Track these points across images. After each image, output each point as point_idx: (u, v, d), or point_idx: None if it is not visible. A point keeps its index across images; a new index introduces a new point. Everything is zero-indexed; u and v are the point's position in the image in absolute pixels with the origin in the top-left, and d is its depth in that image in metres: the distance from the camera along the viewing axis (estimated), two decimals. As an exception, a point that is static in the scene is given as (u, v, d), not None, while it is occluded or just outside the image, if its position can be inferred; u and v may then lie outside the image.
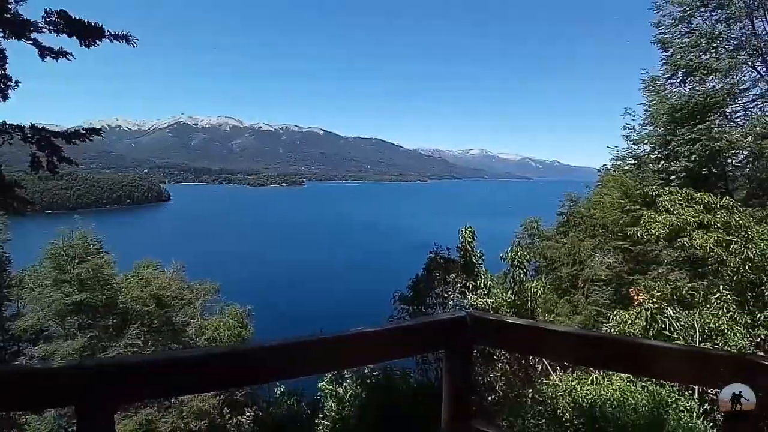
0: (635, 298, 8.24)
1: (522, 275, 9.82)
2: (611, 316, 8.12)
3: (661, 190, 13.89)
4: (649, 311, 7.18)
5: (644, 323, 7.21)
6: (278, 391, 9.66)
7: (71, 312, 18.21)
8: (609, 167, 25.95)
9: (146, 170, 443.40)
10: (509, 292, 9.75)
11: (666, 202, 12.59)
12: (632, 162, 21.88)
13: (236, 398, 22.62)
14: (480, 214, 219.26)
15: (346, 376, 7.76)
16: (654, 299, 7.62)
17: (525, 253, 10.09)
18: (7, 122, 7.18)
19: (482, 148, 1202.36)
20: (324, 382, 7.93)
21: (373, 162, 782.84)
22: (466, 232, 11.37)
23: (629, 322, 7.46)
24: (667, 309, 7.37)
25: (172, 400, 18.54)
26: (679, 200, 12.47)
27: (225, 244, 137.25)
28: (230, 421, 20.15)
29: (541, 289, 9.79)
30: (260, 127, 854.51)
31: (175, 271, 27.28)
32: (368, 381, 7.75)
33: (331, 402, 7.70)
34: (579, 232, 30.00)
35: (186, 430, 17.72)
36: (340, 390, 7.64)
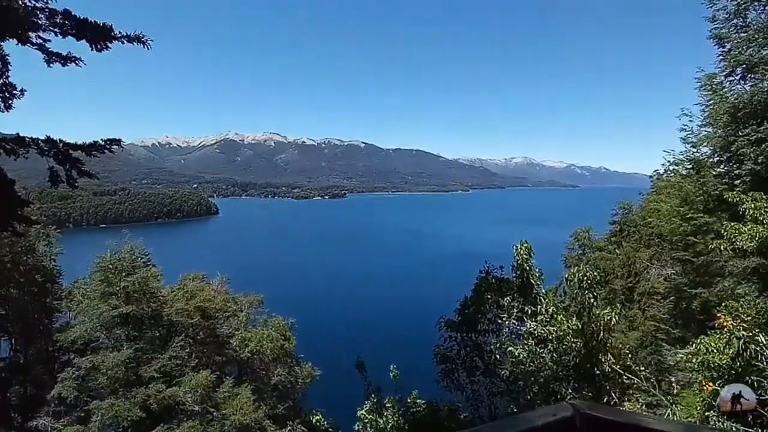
0: (721, 321, 6.91)
1: (592, 300, 8.18)
2: (694, 344, 6.89)
3: (744, 197, 11.92)
4: (742, 340, 6.02)
5: (733, 352, 6.08)
6: (314, 419, 9.01)
7: (118, 324, 18.47)
8: (662, 172, 24.39)
9: (195, 185, 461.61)
10: (575, 319, 8.27)
11: (752, 210, 10.78)
12: (690, 166, 20.18)
13: (278, 412, 22.36)
14: (523, 223, 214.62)
15: (387, 405, 7.11)
16: (744, 324, 6.43)
17: (596, 275, 8.37)
18: (21, 134, 6.78)
19: (525, 155, 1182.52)
20: (363, 411, 7.30)
21: (414, 173, 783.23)
22: (522, 249, 9.70)
23: (715, 350, 6.31)
24: (759, 335, 6.21)
25: (214, 413, 18.41)
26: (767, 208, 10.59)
27: (270, 256, 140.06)
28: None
29: (616, 317, 8.04)
30: (303, 141, 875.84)
31: (220, 284, 27.55)
32: (411, 412, 7.01)
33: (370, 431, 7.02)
34: (633, 242, 28.35)
35: (228, 444, 17.44)
36: (381, 421, 6.95)
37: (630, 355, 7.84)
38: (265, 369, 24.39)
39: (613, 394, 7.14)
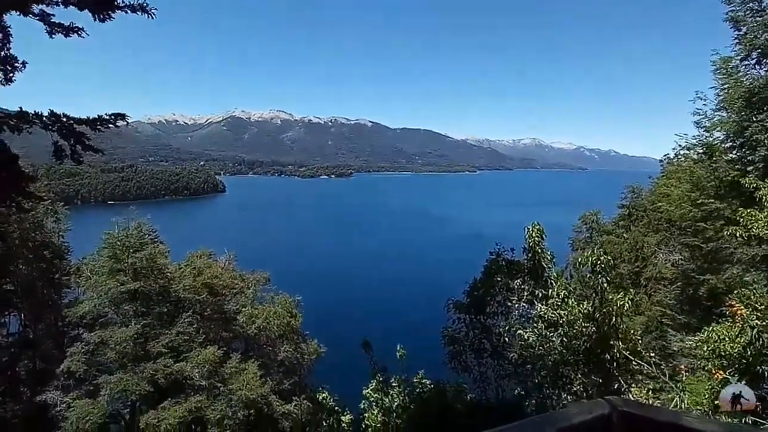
0: (734, 310, 6.75)
1: (605, 284, 7.88)
2: (705, 332, 6.76)
3: (760, 183, 11.58)
4: (756, 329, 5.88)
5: (745, 341, 5.96)
6: (320, 397, 8.98)
7: (126, 299, 18.68)
8: (673, 157, 23.98)
9: (202, 163, 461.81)
10: (587, 303, 8.06)
11: None
12: (702, 151, 19.77)
13: (284, 387, 22.70)
14: (531, 205, 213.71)
15: (393, 384, 7.10)
16: (758, 313, 6.30)
17: (608, 258, 8.08)
18: (24, 109, 6.61)
19: (534, 137, 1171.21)
20: (369, 390, 7.29)
21: (422, 153, 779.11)
22: (534, 231, 9.39)
23: (726, 339, 6.19)
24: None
25: (221, 388, 18.68)
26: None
27: (276, 234, 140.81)
28: (278, 410, 20.21)
29: (629, 302, 7.74)
30: (310, 120, 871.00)
31: (227, 261, 27.74)
32: (417, 391, 6.99)
33: (376, 411, 7.00)
34: (642, 226, 28.08)
35: (234, 418, 17.73)
36: (387, 399, 6.94)
37: (639, 341, 7.73)
38: (271, 345, 24.68)
39: (621, 381, 7.07)
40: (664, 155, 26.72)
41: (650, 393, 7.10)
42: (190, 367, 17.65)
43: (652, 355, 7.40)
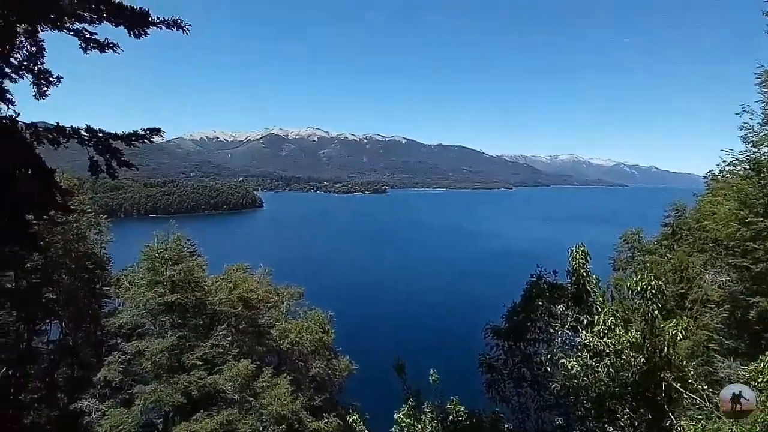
0: None
1: (656, 311, 7.24)
2: (762, 362, 6.14)
3: None
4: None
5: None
6: (350, 419, 8.49)
7: (163, 311, 19.08)
8: (718, 173, 22.90)
9: (241, 178, 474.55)
10: (635, 332, 7.45)
11: None
12: (749, 167, 18.69)
13: (316, 403, 22.50)
14: (569, 222, 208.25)
15: (426, 410, 6.74)
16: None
17: (660, 283, 7.37)
18: (61, 124, 6.75)
19: (572, 153, 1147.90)
20: (401, 414, 6.95)
21: (456, 169, 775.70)
22: (578, 252, 8.77)
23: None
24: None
25: (253, 402, 18.66)
26: None
27: (311, 249, 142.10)
28: (309, 426, 20.01)
29: (682, 331, 7.16)
30: (345, 137, 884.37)
31: (262, 275, 28.03)
32: (451, 419, 6.61)
33: (407, 437, 6.66)
34: (686, 245, 26.80)
35: (264, 433, 17.67)
36: (419, 426, 6.60)
37: (691, 372, 7.08)
38: (303, 360, 24.61)
39: (672, 417, 6.46)
40: (708, 171, 25.76)
41: (701, 426, 6.54)
42: (223, 380, 17.76)
43: (705, 387, 6.77)
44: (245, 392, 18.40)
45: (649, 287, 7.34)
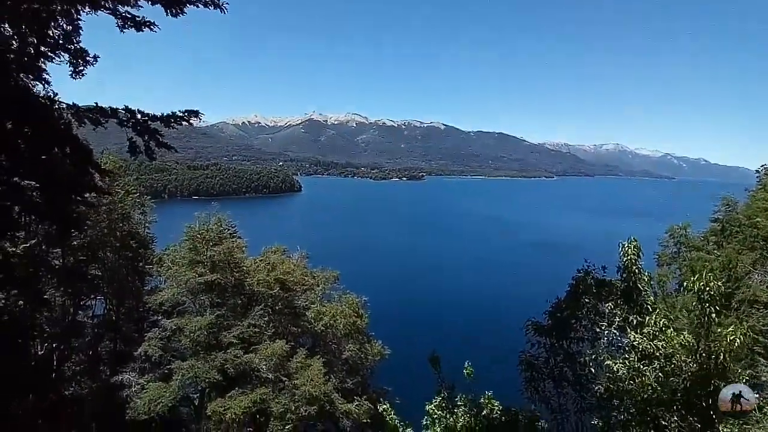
0: None
1: (713, 314, 6.69)
2: None
3: None
4: None
5: None
6: (381, 408, 8.34)
7: (203, 290, 19.61)
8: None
9: (281, 163, 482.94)
10: (688, 335, 6.90)
11: None
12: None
13: (347, 386, 22.75)
14: (613, 215, 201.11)
15: (459, 403, 6.56)
16: None
17: (720, 284, 6.80)
18: (99, 104, 6.75)
19: (617, 143, 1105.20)
20: (433, 405, 6.80)
21: (495, 157, 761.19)
22: (630, 248, 8.11)
23: None
24: None
25: (286, 382, 19.00)
26: None
27: (348, 234, 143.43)
28: (340, 408, 20.26)
29: (741, 337, 6.52)
30: (384, 123, 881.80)
31: (299, 258, 28.36)
32: (485, 414, 6.40)
33: (438, 429, 6.51)
34: (736, 243, 25.35)
35: (296, 412, 17.97)
36: (451, 419, 6.44)
37: (746, 381, 6.53)
38: (337, 343, 24.85)
39: (720, 428, 5.95)
40: (762, 165, 24.40)
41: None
42: (259, 359, 18.16)
43: (758, 396, 6.27)
44: (279, 372, 18.74)
45: (707, 288, 6.78)
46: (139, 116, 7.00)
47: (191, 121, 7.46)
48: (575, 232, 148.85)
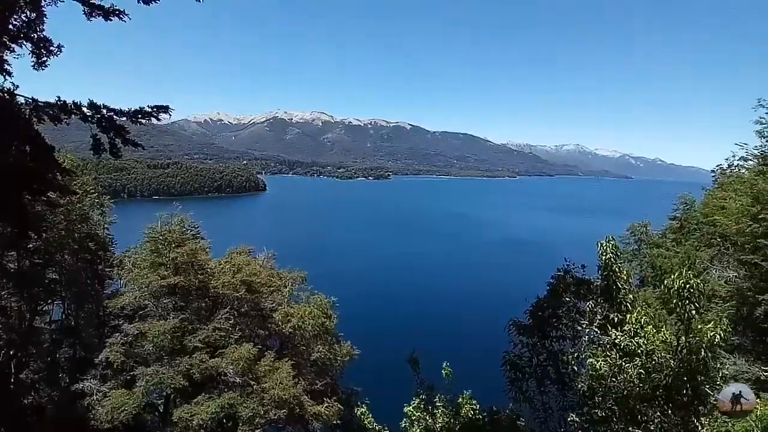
0: None
1: (693, 312, 6.81)
2: None
3: None
4: None
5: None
6: (359, 412, 8.20)
7: (166, 293, 18.99)
8: (726, 167, 22.65)
9: (245, 162, 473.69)
10: (667, 332, 7.09)
11: None
12: (763, 162, 18.48)
13: (317, 387, 22.54)
14: (574, 213, 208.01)
15: (438, 404, 6.51)
16: None
17: (699, 282, 6.87)
18: (63, 98, 6.26)
19: (577, 143, 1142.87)
20: (411, 407, 6.72)
21: (460, 157, 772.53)
22: (608, 246, 8.22)
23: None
24: None
25: (254, 386, 18.65)
26: None
27: (314, 234, 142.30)
28: (309, 410, 20.04)
29: (721, 333, 6.70)
30: (350, 122, 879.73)
31: (265, 259, 27.88)
32: (463, 413, 6.39)
33: (417, 430, 6.46)
34: (694, 240, 26.65)
35: (265, 416, 17.67)
36: (430, 420, 6.40)
37: (720, 375, 6.80)
38: (305, 345, 24.58)
39: (697, 422, 6.17)
40: (717, 165, 25.69)
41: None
42: (225, 363, 17.71)
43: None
44: (247, 376, 18.35)
45: (687, 286, 6.94)
46: (104, 111, 6.59)
47: (160, 116, 7.08)
48: (537, 229, 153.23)
